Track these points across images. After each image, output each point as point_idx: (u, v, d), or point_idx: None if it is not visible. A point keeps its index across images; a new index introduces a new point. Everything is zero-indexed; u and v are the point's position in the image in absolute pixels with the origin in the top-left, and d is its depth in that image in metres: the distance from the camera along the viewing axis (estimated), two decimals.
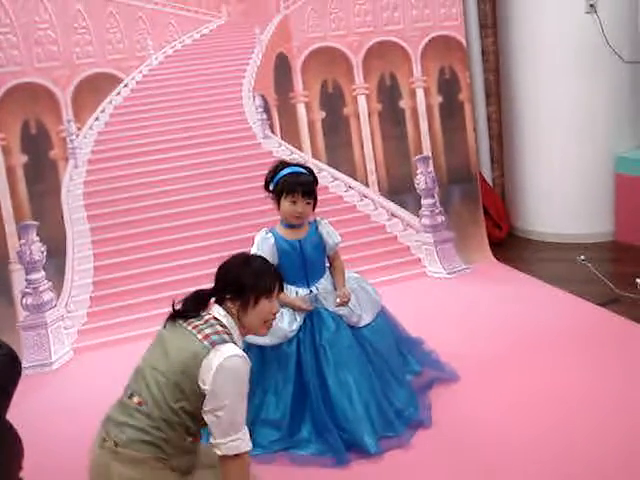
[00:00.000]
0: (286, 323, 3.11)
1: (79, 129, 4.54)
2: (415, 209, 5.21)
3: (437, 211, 5.22)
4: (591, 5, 5.09)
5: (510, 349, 3.82)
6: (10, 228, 4.37)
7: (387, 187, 5.19)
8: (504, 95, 5.80)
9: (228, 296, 2.36)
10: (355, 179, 5.13)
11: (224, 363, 2.18)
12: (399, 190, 5.20)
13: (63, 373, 4.16)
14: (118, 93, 4.64)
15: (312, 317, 3.14)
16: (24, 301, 4.36)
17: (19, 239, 4.37)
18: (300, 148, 5.01)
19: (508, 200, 5.96)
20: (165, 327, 2.38)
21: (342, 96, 5.10)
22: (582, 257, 4.99)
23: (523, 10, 5.38)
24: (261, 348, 3.12)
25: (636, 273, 4.57)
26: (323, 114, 5.07)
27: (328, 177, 5.04)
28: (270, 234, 3.18)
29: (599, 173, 5.39)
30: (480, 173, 5.63)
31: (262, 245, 3.15)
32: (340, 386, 3.06)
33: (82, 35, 4.50)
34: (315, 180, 3.18)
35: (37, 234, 4.40)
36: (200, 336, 2.25)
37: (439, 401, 3.35)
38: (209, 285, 2.43)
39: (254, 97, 4.91)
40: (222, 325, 2.31)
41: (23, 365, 3.98)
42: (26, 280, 4.37)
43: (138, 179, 4.64)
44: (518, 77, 5.56)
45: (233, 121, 4.89)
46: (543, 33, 5.30)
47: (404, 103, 5.22)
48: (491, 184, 5.97)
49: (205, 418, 2.23)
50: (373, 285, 3.48)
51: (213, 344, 2.22)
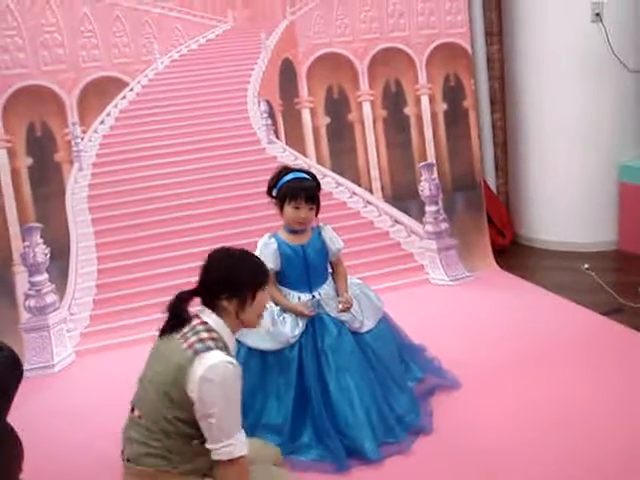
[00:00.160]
0: (288, 328, 3.10)
1: (84, 132, 4.54)
2: (419, 216, 5.21)
3: (441, 218, 5.21)
4: (597, 14, 5.10)
5: (512, 357, 3.82)
6: (14, 230, 4.37)
7: (391, 193, 5.18)
8: (509, 103, 5.80)
9: (224, 296, 2.33)
10: (359, 185, 5.12)
11: (207, 372, 2.16)
12: (403, 197, 5.20)
13: (65, 376, 4.16)
14: (124, 97, 4.64)
15: (314, 322, 3.14)
16: (27, 303, 4.35)
17: (23, 241, 4.37)
18: (304, 154, 5.01)
19: (512, 208, 5.96)
20: (159, 336, 2.37)
21: (347, 102, 5.11)
22: (586, 266, 4.99)
23: (529, 18, 5.39)
24: (263, 353, 3.12)
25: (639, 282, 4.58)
26: (328, 120, 5.07)
27: (332, 183, 5.04)
28: (273, 239, 3.18)
29: (603, 182, 5.39)
30: (484, 180, 5.63)
31: (265, 250, 3.15)
32: (341, 391, 3.06)
33: (88, 39, 4.51)
34: (318, 185, 3.18)
35: (41, 236, 4.39)
36: (185, 345, 2.23)
37: (440, 408, 3.35)
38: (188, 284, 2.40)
39: (259, 102, 4.92)
40: (209, 330, 2.28)
41: (25, 367, 3.98)
42: (29, 282, 4.36)
43: (142, 183, 4.64)
44: (523, 85, 5.56)
45: (238, 126, 4.89)
46: (548, 41, 5.30)
47: (409, 110, 5.22)
48: (495, 191, 5.96)
49: (199, 424, 2.23)
50: (376, 291, 3.47)
51: (197, 353, 2.20)
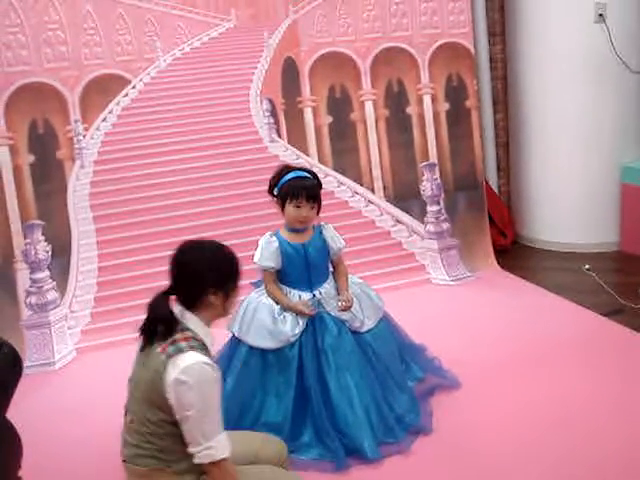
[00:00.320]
0: (289, 327, 3.10)
1: (86, 130, 4.54)
2: (420, 216, 5.20)
3: (442, 218, 5.21)
4: (600, 15, 5.09)
5: (512, 357, 3.82)
6: (16, 227, 4.37)
7: (393, 193, 5.18)
8: (511, 103, 5.80)
9: (211, 290, 2.31)
10: (361, 184, 5.12)
11: (180, 375, 2.15)
12: (405, 196, 5.20)
13: (65, 373, 4.16)
14: (126, 94, 4.64)
15: (314, 321, 3.14)
16: (28, 300, 4.36)
17: (24, 238, 4.37)
18: (306, 153, 5.01)
19: (514, 208, 5.96)
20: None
21: (349, 101, 5.10)
22: (587, 267, 4.99)
23: (532, 19, 5.38)
24: (263, 351, 3.12)
25: None
26: (330, 119, 5.07)
27: (334, 182, 5.04)
28: (274, 237, 3.18)
29: (605, 183, 5.38)
30: (486, 181, 5.63)
31: (266, 248, 3.16)
32: (341, 390, 3.06)
33: (91, 36, 4.51)
34: (319, 184, 3.18)
35: (42, 234, 4.40)
36: (159, 349, 2.23)
37: (440, 408, 3.35)
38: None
39: (261, 101, 4.91)
40: (183, 330, 2.26)
41: (25, 364, 4.03)
42: (30, 279, 4.37)
43: (144, 180, 4.64)
44: (526, 85, 5.56)
45: (240, 124, 4.89)
46: (551, 42, 5.30)
47: (411, 109, 5.22)
48: (497, 192, 5.96)
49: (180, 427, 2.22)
50: (377, 291, 3.47)
51: (170, 356, 2.19)
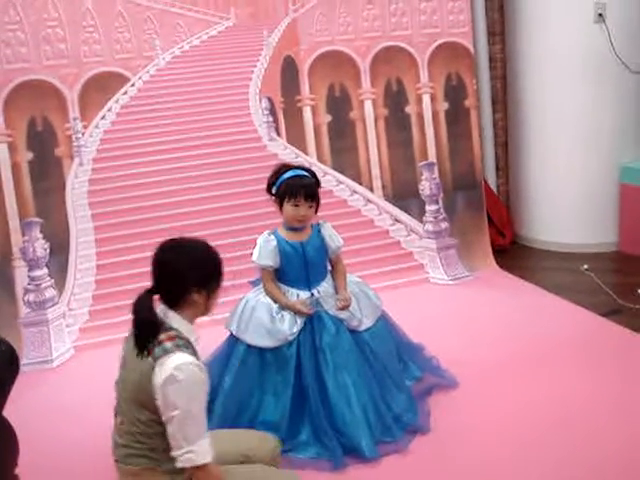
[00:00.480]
0: (287, 326, 3.10)
1: (85, 127, 4.54)
2: (419, 215, 5.20)
3: (441, 217, 5.21)
4: (599, 14, 5.09)
5: (511, 357, 3.82)
6: (14, 224, 4.37)
7: (392, 192, 5.18)
8: (510, 103, 5.79)
9: (194, 289, 2.29)
10: (360, 183, 5.12)
11: (168, 376, 2.14)
12: (403, 195, 5.19)
13: (63, 371, 4.16)
14: (125, 92, 4.64)
15: (312, 320, 3.13)
16: (26, 298, 4.35)
17: (22, 236, 4.37)
18: (305, 151, 5.00)
19: (512, 208, 5.95)
20: (126, 339, 2.36)
21: (349, 100, 5.10)
22: (585, 267, 4.99)
23: (531, 18, 5.38)
24: (261, 350, 3.12)
25: (639, 284, 4.57)
26: (329, 118, 5.06)
27: (333, 181, 5.03)
28: (272, 236, 3.18)
29: (604, 183, 5.38)
30: (485, 180, 5.63)
31: (264, 247, 3.16)
32: (339, 389, 3.06)
33: (90, 34, 4.51)
34: (317, 183, 3.18)
35: (41, 231, 4.39)
36: (145, 351, 2.21)
37: (438, 407, 3.35)
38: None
39: (260, 99, 4.91)
40: (167, 330, 2.25)
41: (23, 362, 4.02)
42: (28, 277, 4.36)
43: (143, 178, 4.64)
44: (525, 85, 5.55)
45: (239, 123, 4.89)
46: (551, 42, 5.30)
47: (410, 109, 5.21)
48: (495, 191, 5.95)
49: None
50: (375, 290, 3.47)
51: (156, 359, 2.18)
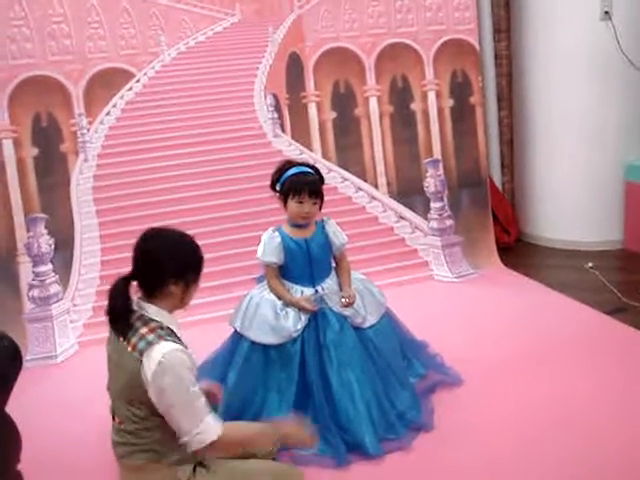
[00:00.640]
0: (291, 323, 3.10)
1: (90, 123, 4.55)
2: (424, 212, 5.20)
3: (446, 215, 5.21)
4: (606, 12, 5.07)
5: (515, 354, 3.81)
6: (19, 220, 4.38)
7: (396, 189, 5.17)
8: (516, 100, 5.78)
9: (172, 280, 2.27)
10: (365, 180, 5.12)
11: (157, 366, 2.15)
12: (408, 193, 5.19)
13: (67, 367, 4.16)
14: (130, 88, 4.64)
15: (317, 317, 3.13)
16: (30, 293, 4.36)
17: (27, 231, 4.38)
18: (310, 148, 5.00)
19: (517, 205, 5.95)
20: (109, 340, 2.36)
21: (354, 97, 5.10)
22: (590, 265, 4.98)
23: (537, 15, 5.37)
24: (265, 347, 3.12)
25: None
26: (334, 114, 5.06)
27: (338, 178, 5.03)
28: (277, 233, 3.17)
29: (609, 180, 5.37)
30: (490, 178, 5.61)
31: (269, 244, 3.15)
32: (343, 386, 3.06)
33: (95, 30, 4.51)
34: (321, 179, 3.18)
35: (45, 227, 4.40)
36: (130, 348, 2.22)
37: (442, 404, 3.35)
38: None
39: (266, 96, 4.91)
40: (147, 321, 2.24)
41: (27, 357, 4.04)
42: (33, 272, 4.38)
43: (147, 174, 4.64)
44: (530, 82, 5.54)
45: (244, 119, 4.89)
46: (557, 39, 5.28)
47: (415, 105, 5.21)
48: (501, 189, 5.95)
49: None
50: (379, 287, 3.46)
51: (142, 353, 2.18)
